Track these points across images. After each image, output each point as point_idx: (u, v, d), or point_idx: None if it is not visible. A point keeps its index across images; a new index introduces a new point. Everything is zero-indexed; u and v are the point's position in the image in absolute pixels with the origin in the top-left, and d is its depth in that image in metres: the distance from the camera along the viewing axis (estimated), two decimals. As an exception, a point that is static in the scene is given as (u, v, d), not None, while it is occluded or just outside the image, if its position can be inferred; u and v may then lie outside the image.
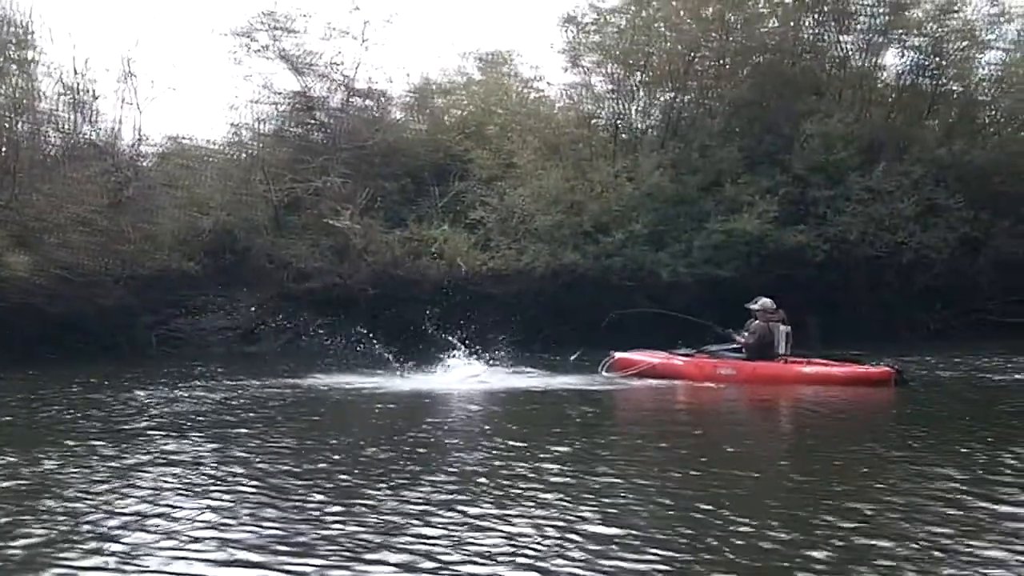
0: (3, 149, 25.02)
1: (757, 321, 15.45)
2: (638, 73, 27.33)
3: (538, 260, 23.88)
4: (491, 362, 17.85)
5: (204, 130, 37.10)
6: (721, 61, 27.27)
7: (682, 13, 26.51)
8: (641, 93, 27.99)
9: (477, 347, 18.41)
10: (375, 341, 24.52)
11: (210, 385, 16.02)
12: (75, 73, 27.06)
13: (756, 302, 15.51)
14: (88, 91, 28.20)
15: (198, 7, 46.37)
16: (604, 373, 16.39)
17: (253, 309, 25.11)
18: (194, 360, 21.70)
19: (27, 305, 21.87)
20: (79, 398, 14.12)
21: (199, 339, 24.94)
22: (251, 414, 12.16)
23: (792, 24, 27.21)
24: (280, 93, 28.56)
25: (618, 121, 27.69)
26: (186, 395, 14.26)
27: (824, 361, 15.41)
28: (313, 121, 29.09)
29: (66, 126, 28.95)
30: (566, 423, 11.21)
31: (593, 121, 27.61)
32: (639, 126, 28.36)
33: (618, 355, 16.73)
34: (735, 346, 15.69)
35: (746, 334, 15.53)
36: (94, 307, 22.96)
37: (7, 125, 25.72)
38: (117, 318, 23.50)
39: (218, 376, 17.85)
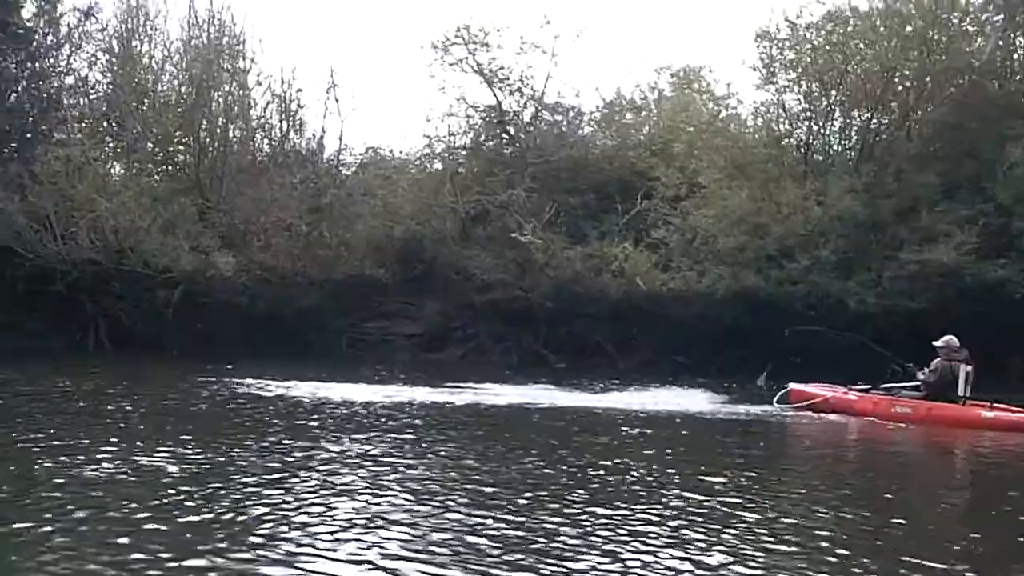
0: (214, 154, 26.90)
1: (939, 359, 14.73)
2: (833, 92, 26.57)
3: (719, 283, 23.57)
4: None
5: (399, 141, 38.79)
6: (921, 82, 26.15)
7: (882, 31, 25.56)
8: (836, 113, 27.22)
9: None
10: (552, 355, 25.09)
11: (394, 388, 16.63)
12: (283, 83, 28.78)
13: (941, 339, 14.83)
14: (295, 100, 30.06)
15: (399, 22, 48.07)
16: (777, 405, 16.05)
17: (437, 317, 25.94)
18: (378, 363, 22.61)
19: (231, 303, 23.47)
20: (266, 393, 14.99)
21: (385, 343, 26.00)
22: (434, 420, 12.57)
23: (1000, 44, 25.81)
24: (473, 106, 29.49)
25: (811, 141, 26.99)
26: (371, 397, 14.89)
27: (1008, 407, 14.55)
28: (504, 135, 29.82)
29: (275, 133, 30.95)
30: (733, 455, 11.04)
31: (784, 141, 26.97)
32: (833, 147, 27.54)
33: (793, 386, 16.39)
34: (914, 384, 15.10)
35: (927, 371, 14.88)
36: (291, 308, 24.31)
37: (219, 131, 27.69)
38: (311, 319, 24.77)
39: (401, 379, 18.50)
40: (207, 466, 8.28)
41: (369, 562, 5.44)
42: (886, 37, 25.24)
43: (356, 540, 5.88)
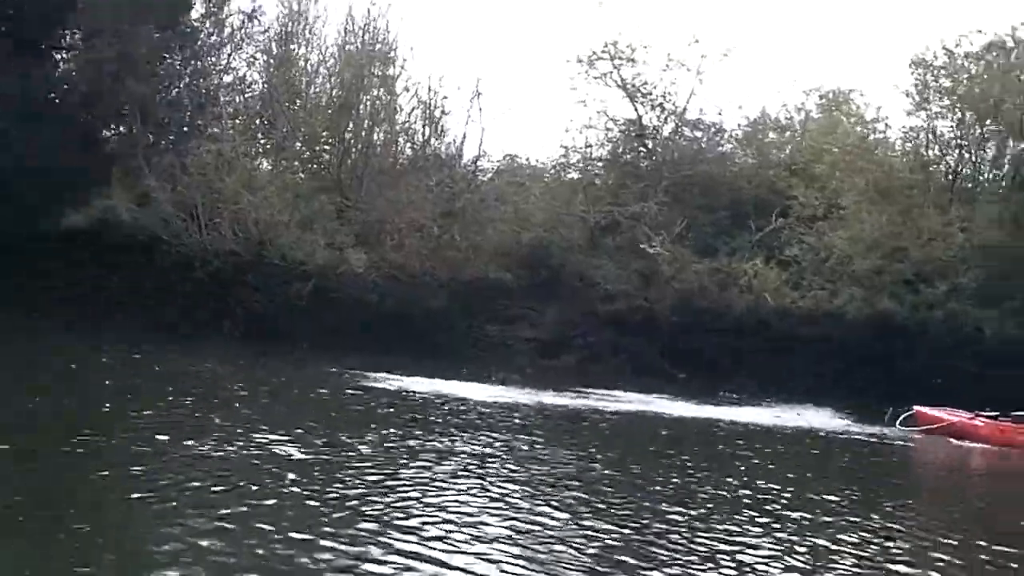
0: (356, 155, 27.81)
1: None
2: (988, 121, 25.55)
3: (851, 304, 22.97)
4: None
5: (535, 150, 39.20)
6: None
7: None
8: (989, 142, 26.15)
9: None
10: (674, 369, 24.81)
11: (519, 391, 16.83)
12: (429, 90, 29.52)
13: None
14: (440, 107, 30.80)
15: (543, 33, 48.59)
16: (898, 426, 15.58)
17: (558, 324, 26.01)
18: (498, 366, 22.85)
19: (361, 299, 24.11)
20: (393, 388, 15.40)
21: (505, 347, 26.15)
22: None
23: None
24: (614, 120, 29.56)
25: (960, 169, 26.02)
26: (493, 397, 15.15)
27: None
28: (642, 149, 29.79)
29: (417, 138, 31.76)
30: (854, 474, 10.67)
31: (932, 168, 26.04)
32: (983, 176, 26.45)
33: (919, 409, 15.94)
34: None
35: None
36: (419, 307, 24.77)
37: (364, 134, 28.60)
38: (438, 319, 25.15)
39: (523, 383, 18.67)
40: (327, 453, 8.72)
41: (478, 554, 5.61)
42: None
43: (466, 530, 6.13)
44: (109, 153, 24.70)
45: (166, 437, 8.60)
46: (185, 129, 26.64)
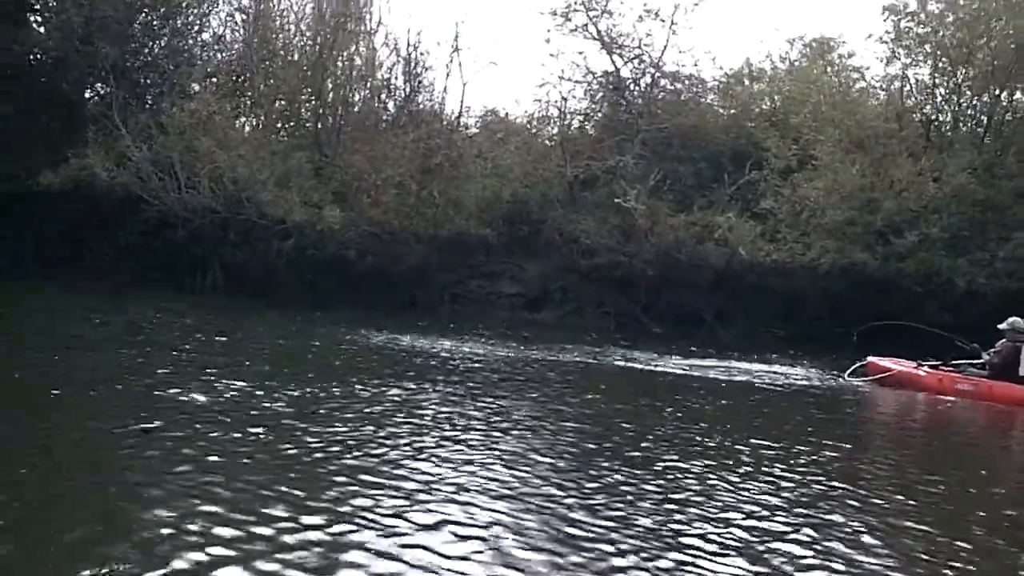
0: (334, 112, 27.85)
1: (1004, 340, 14.66)
2: (962, 68, 25.56)
3: (824, 256, 23.10)
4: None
5: (513, 105, 39.11)
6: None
7: (1018, 8, 24.42)
8: (965, 90, 26.16)
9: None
10: (651, 321, 25.11)
11: (509, 347, 17.11)
12: (408, 45, 29.52)
13: (1006, 321, 14.73)
14: (419, 62, 30.81)
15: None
16: (846, 377, 16.01)
17: (539, 279, 26.26)
18: (479, 321, 23.08)
19: (339, 256, 24.33)
20: (367, 342, 15.64)
21: (487, 302, 26.46)
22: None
23: None
24: (592, 72, 29.54)
25: (935, 118, 26.10)
26: (478, 352, 15.41)
27: None
28: (620, 102, 29.80)
29: (398, 94, 31.75)
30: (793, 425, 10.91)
31: (906, 116, 26.08)
32: (958, 125, 26.50)
33: (871, 360, 16.30)
34: (981, 362, 15.00)
35: (992, 352, 14.80)
36: (397, 263, 25.01)
37: (341, 91, 28.61)
38: (415, 275, 25.42)
39: (510, 339, 18.94)
40: (310, 402, 8.96)
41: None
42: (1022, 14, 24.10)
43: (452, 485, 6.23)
44: (85, 115, 24.75)
45: (151, 386, 9.03)
46: (161, 89, 26.65)
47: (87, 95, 26.23)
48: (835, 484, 7.13)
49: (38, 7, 25.84)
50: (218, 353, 12.81)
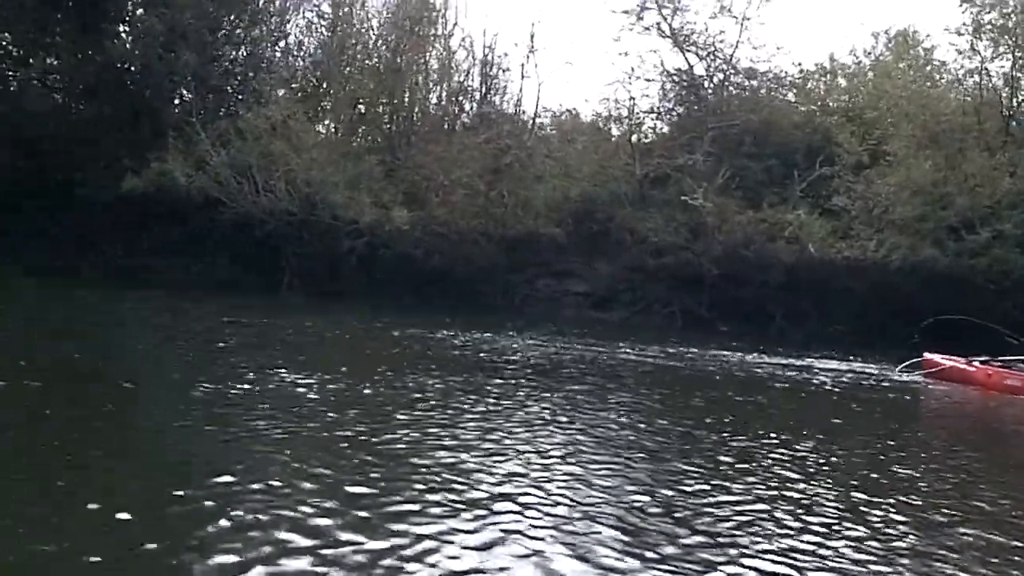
0: (407, 115, 28.46)
1: None
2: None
3: (895, 253, 22.68)
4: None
5: (583, 104, 39.36)
6: None
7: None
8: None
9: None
10: (718, 320, 25.01)
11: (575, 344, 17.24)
12: (484, 47, 30.00)
13: None
14: (496, 64, 31.33)
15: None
16: (899, 372, 15.93)
17: (607, 278, 26.33)
18: (548, 320, 23.28)
19: (407, 256, 24.82)
20: (445, 341, 15.81)
21: (553, 301, 26.62)
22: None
23: None
24: (668, 72, 29.53)
25: (1014, 111, 25.38)
26: (549, 350, 15.62)
27: None
28: (692, 99, 29.73)
29: (475, 96, 32.31)
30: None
31: (983, 110, 25.41)
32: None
33: (926, 355, 16.26)
34: None
35: None
36: (465, 263, 25.38)
37: (416, 95, 29.22)
38: (483, 275, 25.75)
39: (580, 337, 19.05)
40: (387, 392, 9.32)
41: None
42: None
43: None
44: (167, 121, 25.71)
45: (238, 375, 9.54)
46: (240, 96, 27.54)
47: (169, 102, 27.15)
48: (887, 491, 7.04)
49: (126, 18, 26.87)
50: (310, 350, 13.29)
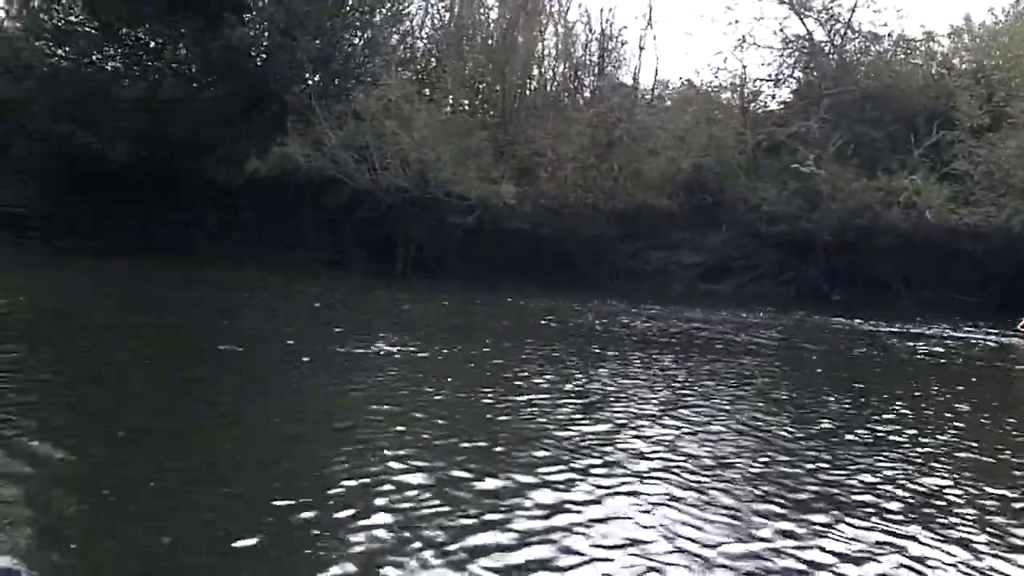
0: (518, 92, 28.78)
1: None
2: None
3: (1015, 218, 21.77)
4: None
5: (695, 74, 38.58)
6: None
7: None
8: None
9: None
10: (831, 288, 24.50)
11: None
12: (602, 21, 30.06)
13: None
14: (615, 37, 31.40)
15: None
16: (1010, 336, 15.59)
17: (719, 248, 26.03)
18: (658, 291, 23.31)
19: (517, 230, 25.17)
20: (557, 314, 16.09)
21: (664, 272, 26.43)
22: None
23: None
24: (787, 39, 28.86)
25: None
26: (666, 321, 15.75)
27: None
28: (811, 65, 29.01)
29: (593, 70, 32.45)
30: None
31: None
32: None
33: None
34: None
35: None
36: (574, 235, 25.56)
37: (528, 71, 29.53)
38: (593, 247, 25.86)
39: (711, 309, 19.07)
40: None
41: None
42: None
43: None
44: (287, 104, 26.75)
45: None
46: (357, 80, 28.38)
47: (290, 87, 28.18)
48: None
49: (248, 5, 28.00)
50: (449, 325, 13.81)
